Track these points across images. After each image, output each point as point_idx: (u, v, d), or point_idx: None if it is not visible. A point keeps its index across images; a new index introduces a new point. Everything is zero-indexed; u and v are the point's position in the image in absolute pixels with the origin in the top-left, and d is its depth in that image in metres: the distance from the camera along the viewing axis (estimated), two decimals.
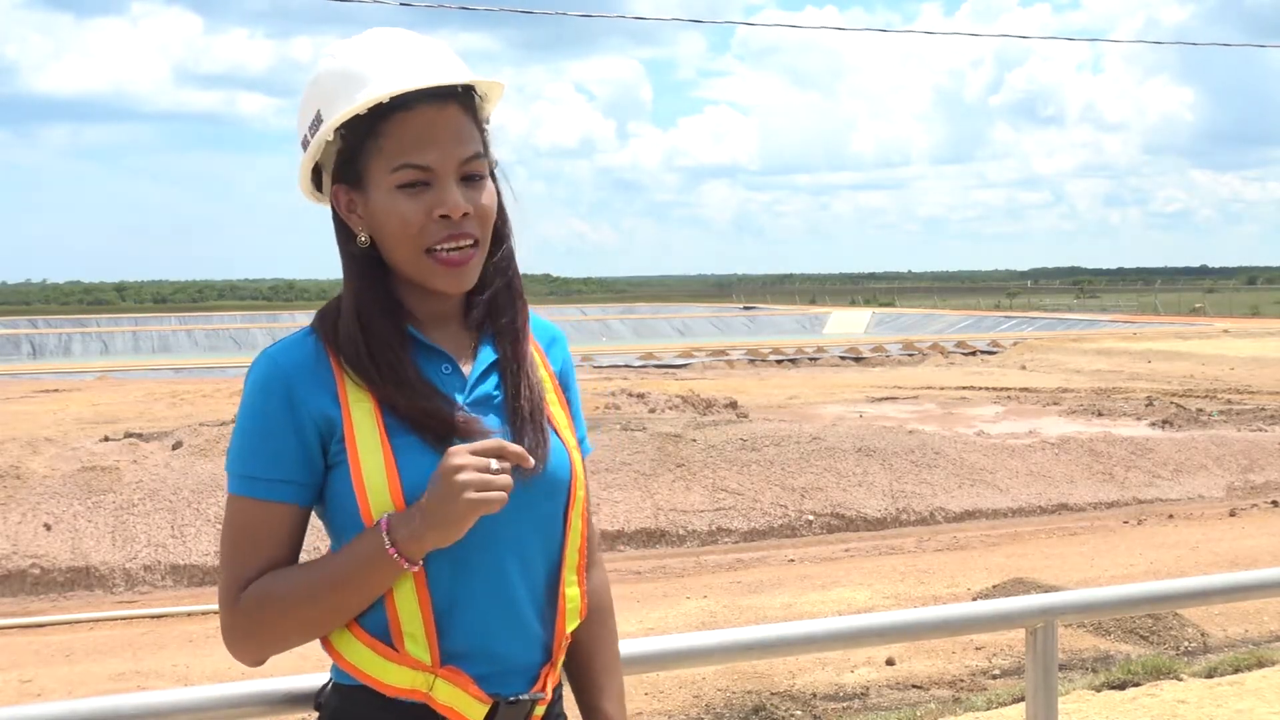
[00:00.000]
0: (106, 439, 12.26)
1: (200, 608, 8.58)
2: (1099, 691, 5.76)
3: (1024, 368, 25.28)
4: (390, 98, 1.44)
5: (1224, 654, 6.65)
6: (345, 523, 1.47)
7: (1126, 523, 11.14)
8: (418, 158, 1.45)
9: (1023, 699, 2.93)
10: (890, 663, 6.68)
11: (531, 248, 1.61)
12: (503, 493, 1.40)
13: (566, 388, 1.67)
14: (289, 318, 59.04)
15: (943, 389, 20.49)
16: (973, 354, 31.12)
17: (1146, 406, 16.77)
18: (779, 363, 29.42)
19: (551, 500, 1.54)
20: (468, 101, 1.51)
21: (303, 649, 1.53)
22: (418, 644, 1.46)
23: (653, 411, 15.84)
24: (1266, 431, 14.41)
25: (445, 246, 1.47)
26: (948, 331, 44.94)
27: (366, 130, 1.46)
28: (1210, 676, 5.94)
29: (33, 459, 10.86)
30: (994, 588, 8.05)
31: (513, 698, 1.49)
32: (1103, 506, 11.80)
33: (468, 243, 1.48)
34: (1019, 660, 6.36)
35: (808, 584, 8.84)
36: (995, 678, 6.56)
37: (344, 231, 1.53)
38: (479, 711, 1.47)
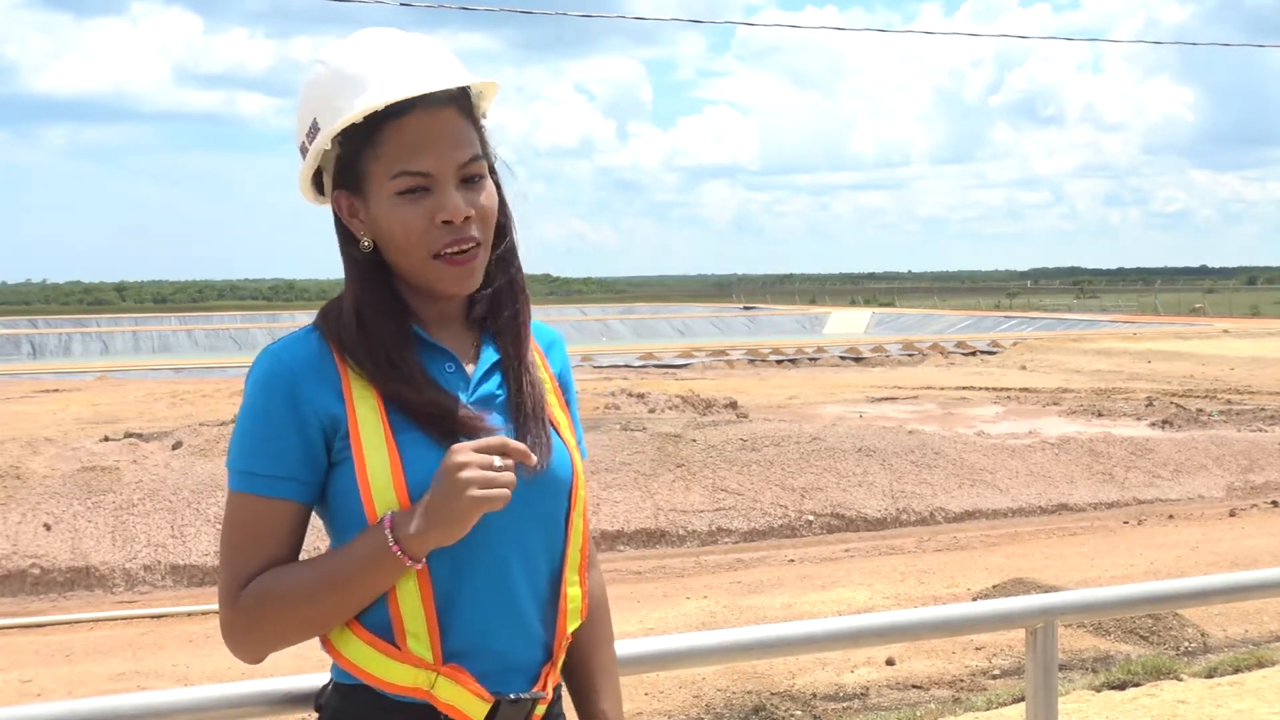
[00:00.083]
0: (106, 439, 12.26)
1: (200, 608, 8.58)
2: (1099, 691, 5.76)
3: (1024, 368, 25.27)
4: (386, 106, 1.44)
5: (1224, 654, 6.65)
6: (348, 520, 1.47)
7: (1126, 523, 11.14)
8: (416, 164, 1.45)
9: (1023, 699, 2.93)
10: (890, 663, 6.68)
11: (531, 248, 1.61)
12: (506, 490, 1.39)
13: (565, 389, 1.67)
14: (289, 318, 59.02)
15: (943, 389, 20.48)
16: (973, 354, 31.11)
17: (1146, 407, 16.76)
18: (779, 363, 29.41)
19: (554, 500, 1.55)
20: (464, 102, 1.50)
21: (303, 649, 1.53)
22: (420, 642, 1.45)
23: (653, 411, 15.83)
24: (1266, 431, 14.41)
25: (450, 251, 1.47)
26: (948, 331, 44.93)
27: (364, 139, 1.46)
28: (1210, 676, 5.94)
29: (33, 459, 10.87)
30: (994, 588, 8.05)
31: (514, 696, 1.49)
32: (1103, 507, 11.80)
33: (471, 245, 1.49)
34: (1019, 660, 6.36)
35: (808, 584, 8.84)
36: (995, 678, 6.55)
37: (346, 235, 1.53)
38: (481, 710, 1.47)
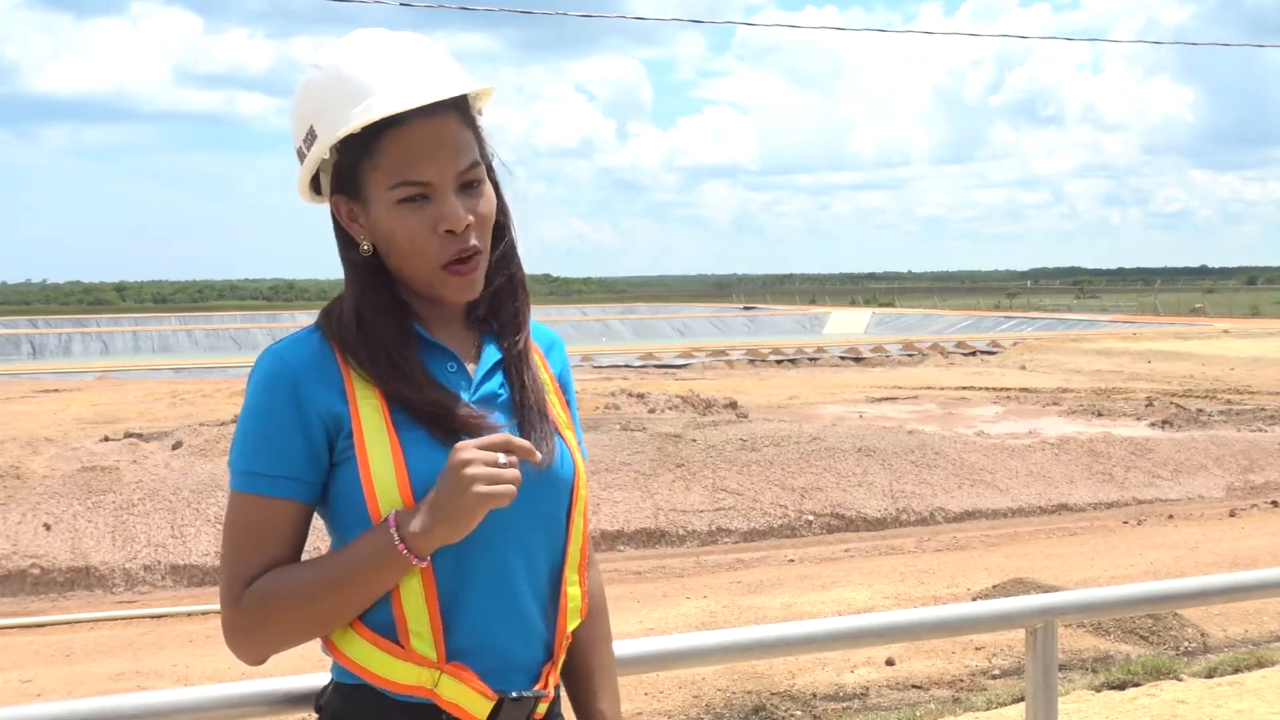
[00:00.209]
0: (106, 439, 12.26)
1: (200, 608, 8.58)
2: (1099, 691, 5.76)
3: (1024, 368, 25.27)
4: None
5: (1224, 654, 6.65)
6: (351, 519, 1.47)
7: (1126, 523, 11.14)
8: (416, 174, 1.45)
9: (1023, 699, 2.93)
10: (890, 663, 6.68)
11: (531, 249, 1.61)
12: (511, 486, 1.39)
13: (565, 390, 1.68)
14: (289, 318, 59.04)
15: (943, 389, 20.49)
16: (973, 354, 31.11)
17: (1146, 407, 16.76)
18: (779, 363, 29.41)
19: (555, 498, 1.55)
20: (462, 106, 1.50)
21: (303, 649, 1.53)
22: (423, 640, 1.45)
23: (653, 411, 15.83)
24: (1266, 431, 14.41)
25: (454, 261, 1.48)
26: (948, 331, 44.93)
27: (362, 149, 1.46)
28: (1210, 676, 5.94)
29: (33, 459, 10.87)
30: (994, 588, 8.05)
31: (517, 694, 1.49)
32: (1102, 507, 11.80)
33: (472, 254, 1.49)
34: (1019, 660, 6.36)
35: (808, 584, 8.84)
36: (995, 678, 6.55)
37: (345, 239, 1.53)
38: (484, 708, 1.47)
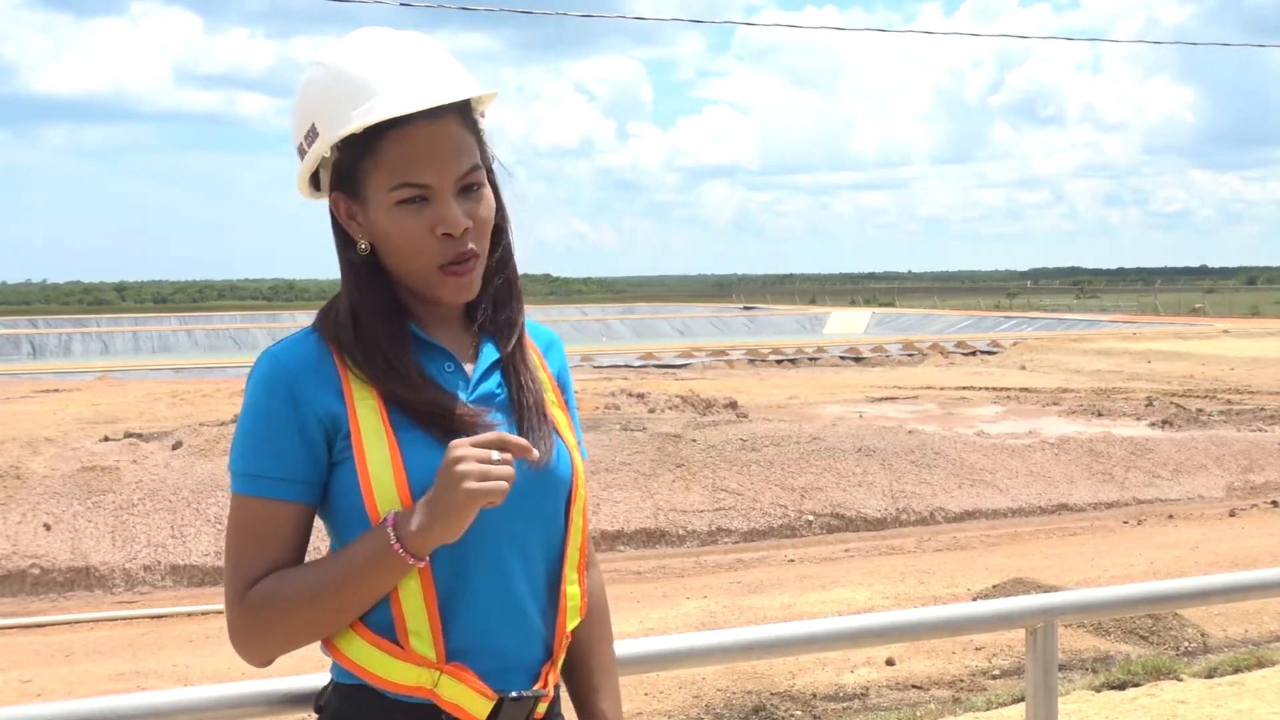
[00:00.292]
0: (106, 439, 12.26)
1: (200, 608, 8.58)
2: (1099, 691, 5.76)
3: (1024, 368, 25.27)
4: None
5: (1224, 654, 6.65)
6: (350, 519, 1.47)
7: (1126, 523, 11.14)
8: (417, 177, 1.45)
9: (1023, 699, 2.93)
10: (890, 663, 6.68)
11: (531, 249, 1.62)
12: (504, 483, 1.38)
13: (564, 390, 1.68)
14: (289, 318, 59.01)
15: (943, 389, 20.49)
16: (973, 354, 31.11)
17: (1146, 407, 16.76)
18: (779, 363, 29.41)
19: (553, 497, 1.55)
20: (464, 110, 1.50)
21: (303, 649, 1.53)
22: (423, 641, 1.46)
23: (653, 411, 15.83)
24: (1266, 431, 14.41)
25: (451, 263, 1.48)
26: (948, 331, 44.92)
27: (363, 149, 1.46)
28: (1210, 677, 5.94)
29: (33, 459, 10.87)
30: (994, 588, 8.05)
31: (517, 694, 1.49)
32: (1102, 506, 11.80)
33: (470, 257, 1.49)
34: (1019, 660, 6.36)
35: (808, 584, 8.84)
36: (995, 678, 6.55)
37: (343, 237, 1.53)
38: (484, 708, 1.47)
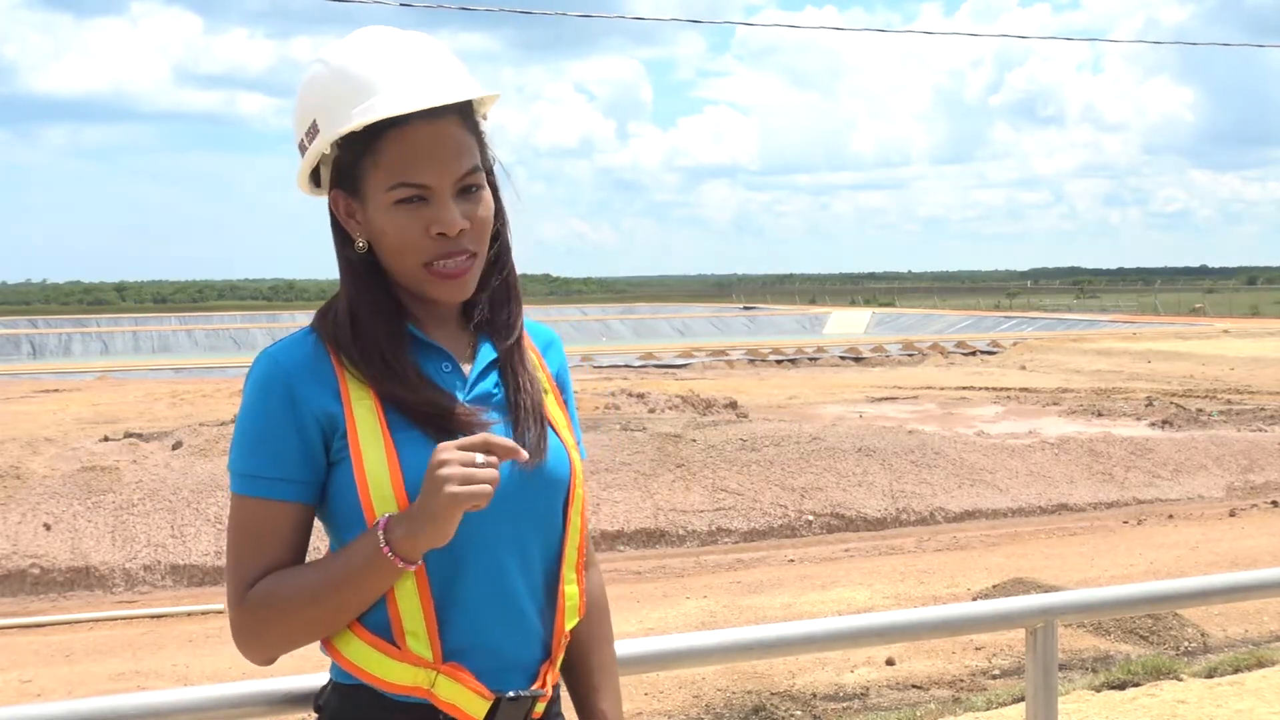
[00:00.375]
0: (106, 439, 12.26)
1: (200, 608, 8.58)
2: (1099, 691, 5.76)
3: (1024, 368, 25.27)
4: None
5: (1224, 654, 6.65)
6: (347, 519, 1.47)
7: (1126, 523, 11.14)
8: (415, 177, 1.45)
9: (1023, 699, 2.93)
10: (890, 663, 6.68)
11: (531, 249, 1.61)
12: (487, 486, 1.37)
13: (563, 389, 1.67)
14: (289, 318, 59.00)
15: (943, 389, 20.49)
16: (973, 354, 31.11)
17: (1146, 407, 16.76)
18: (779, 363, 29.41)
19: (551, 497, 1.55)
20: (465, 109, 1.50)
21: (304, 649, 1.54)
22: (419, 641, 1.46)
23: (653, 411, 15.84)
24: (1266, 431, 14.41)
25: (442, 261, 1.48)
26: (948, 331, 44.92)
27: (363, 147, 1.46)
28: (1210, 676, 5.94)
29: (33, 459, 10.87)
30: (994, 588, 8.05)
31: (514, 694, 1.49)
32: (1102, 506, 11.80)
33: (464, 257, 1.49)
34: (1019, 660, 6.36)
35: (808, 584, 8.84)
36: (995, 678, 6.55)
37: (341, 235, 1.53)
38: (481, 708, 1.47)
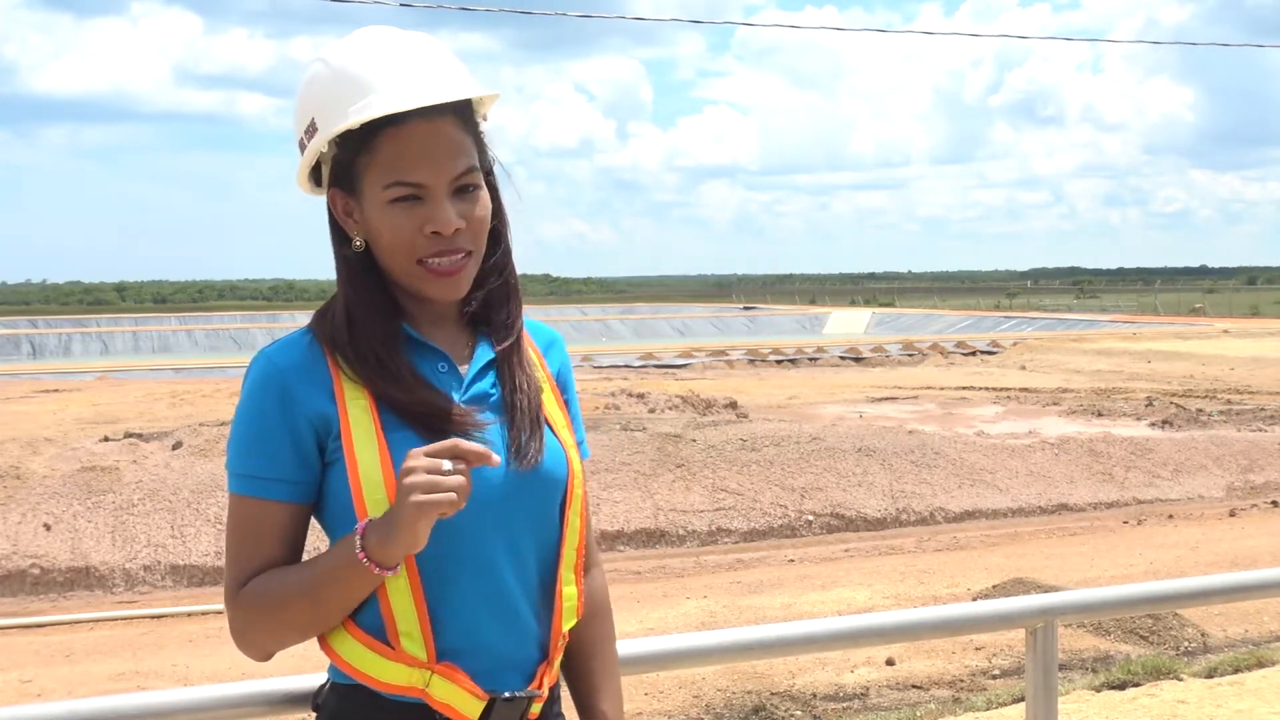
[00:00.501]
0: (106, 439, 12.26)
1: (200, 608, 8.58)
2: (1099, 691, 5.76)
3: (1024, 368, 25.27)
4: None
5: (1224, 654, 6.65)
6: (342, 520, 1.47)
7: (1126, 523, 11.14)
8: (410, 175, 1.45)
9: (1023, 699, 2.93)
10: (890, 663, 6.67)
11: (531, 249, 1.61)
12: (453, 495, 1.35)
13: (565, 389, 1.67)
14: (289, 318, 58.99)
15: (943, 389, 20.48)
16: (973, 354, 31.10)
17: (1146, 407, 16.76)
18: (779, 363, 29.40)
19: (546, 497, 1.54)
20: (463, 109, 1.50)
21: (303, 649, 1.54)
22: (413, 641, 1.46)
23: (653, 411, 15.83)
24: (1266, 431, 14.41)
25: (435, 259, 1.48)
26: (948, 331, 44.91)
27: (360, 145, 1.47)
28: (1210, 676, 5.94)
29: (33, 459, 10.87)
30: (994, 588, 8.05)
31: (509, 695, 1.49)
32: (1103, 506, 11.80)
33: (459, 255, 1.49)
34: (1019, 660, 6.35)
35: (808, 584, 8.84)
36: (995, 678, 6.55)
37: (339, 233, 1.54)
38: (475, 708, 1.47)
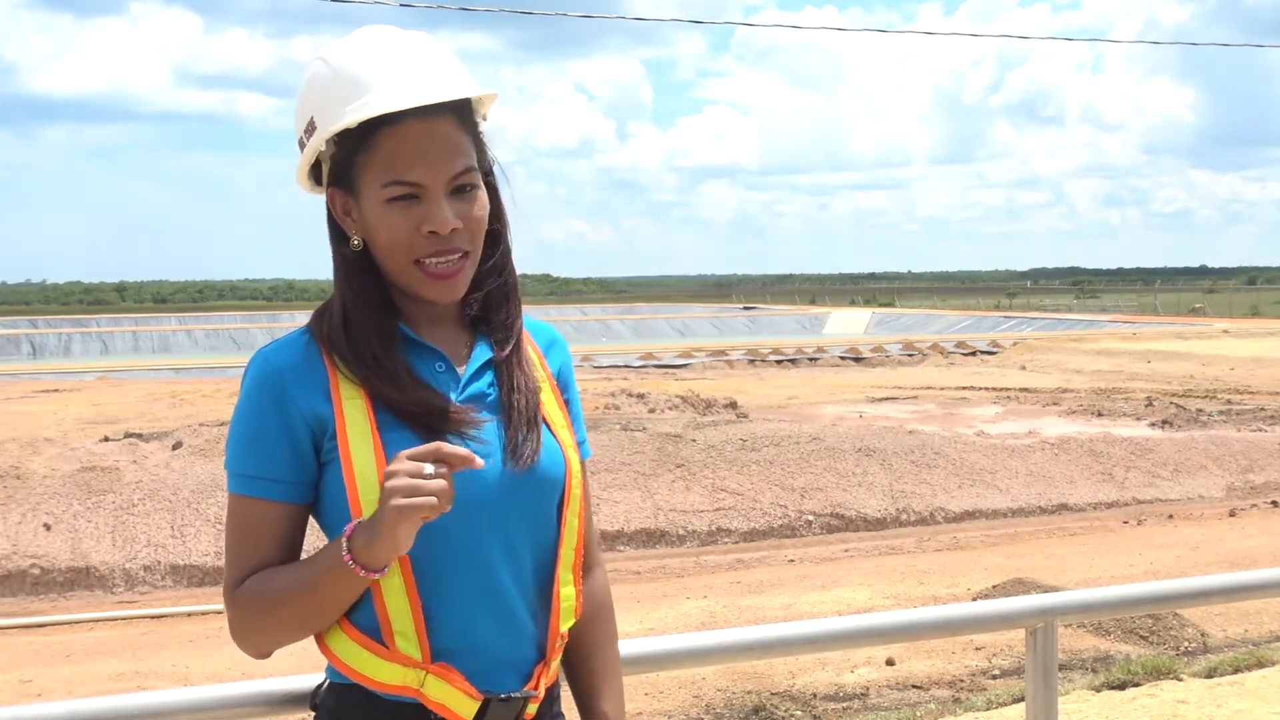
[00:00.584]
0: (106, 439, 12.27)
1: (200, 608, 8.58)
2: (1099, 691, 5.76)
3: (1024, 368, 25.27)
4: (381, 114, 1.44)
5: (1224, 654, 6.65)
6: (338, 520, 1.47)
7: (1126, 523, 11.14)
8: (408, 175, 1.45)
9: (1023, 699, 2.93)
10: (890, 663, 6.67)
11: (530, 249, 1.61)
12: (433, 498, 1.33)
13: (565, 388, 1.66)
14: (289, 318, 58.96)
15: (943, 389, 20.48)
16: (973, 354, 31.09)
17: (1146, 407, 16.76)
18: (779, 363, 29.39)
19: (543, 497, 1.54)
20: (462, 109, 1.50)
21: (303, 649, 1.54)
22: (408, 641, 1.46)
23: (653, 411, 15.83)
24: (1266, 431, 14.41)
25: (433, 260, 1.47)
26: (948, 332, 44.89)
27: (358, 144, 1.47)
28: (1210, 676, 5.94)
29: (33, 459, 10.87)
30: (994, 588, 8.05)
31: (504, 695, 1.49)
32: (1102, 507, 11.80)
33: (456, 256, 1.48)
34: (1019, 660, 6.35)
35: (808, 584, 8.84)
36: (995, 678, 6.55)
37: (337, 232, 1.54)
38: (470, 708, 1.47)
